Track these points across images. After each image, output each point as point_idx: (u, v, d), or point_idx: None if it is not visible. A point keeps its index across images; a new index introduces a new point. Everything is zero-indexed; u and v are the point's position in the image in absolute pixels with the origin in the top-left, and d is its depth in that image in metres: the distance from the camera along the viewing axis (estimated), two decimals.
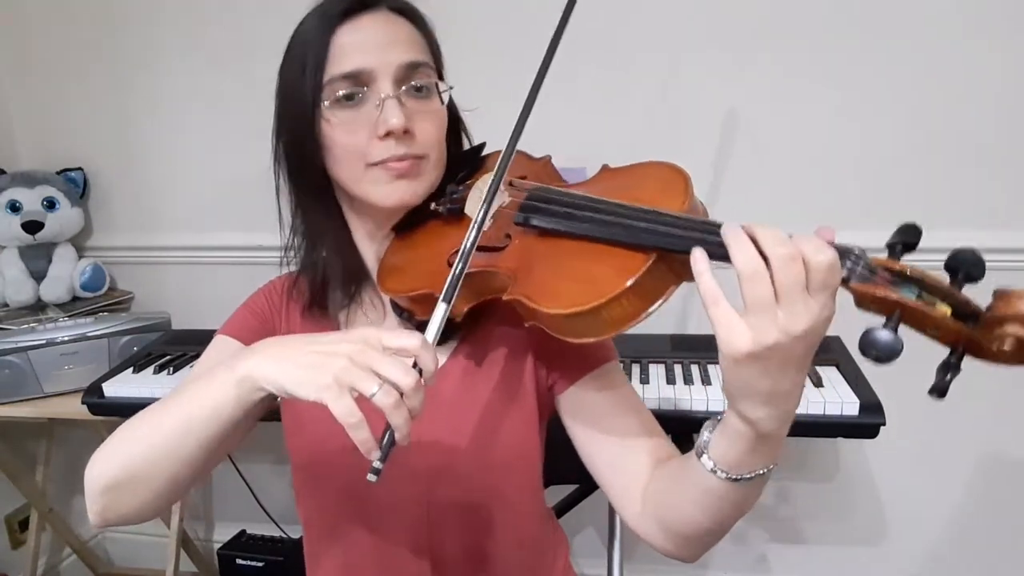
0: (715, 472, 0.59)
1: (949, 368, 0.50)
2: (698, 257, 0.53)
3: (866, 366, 1.28)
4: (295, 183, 0.81)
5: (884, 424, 1.16)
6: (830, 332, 1.42)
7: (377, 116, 0.72)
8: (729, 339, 0.51)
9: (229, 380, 0.61)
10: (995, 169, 1.46)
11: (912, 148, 1.48)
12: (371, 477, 0.57)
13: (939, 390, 0.50)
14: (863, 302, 0.52)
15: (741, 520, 0.66)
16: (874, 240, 0.58)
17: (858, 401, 1.18)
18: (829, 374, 1.28)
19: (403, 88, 0.73)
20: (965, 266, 0.50)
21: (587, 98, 1.56)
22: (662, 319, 1.62)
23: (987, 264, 0.51)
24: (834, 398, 1.19)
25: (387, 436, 0.57)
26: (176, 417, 0.64)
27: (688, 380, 1.29)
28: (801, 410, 1.16)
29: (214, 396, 0.62)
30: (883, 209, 1.48)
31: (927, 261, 0.53)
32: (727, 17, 1.50)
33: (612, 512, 1.39)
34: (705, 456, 0.60)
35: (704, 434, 0.62)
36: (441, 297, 0.65)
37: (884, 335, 0.49)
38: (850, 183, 1.51)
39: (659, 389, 1.26)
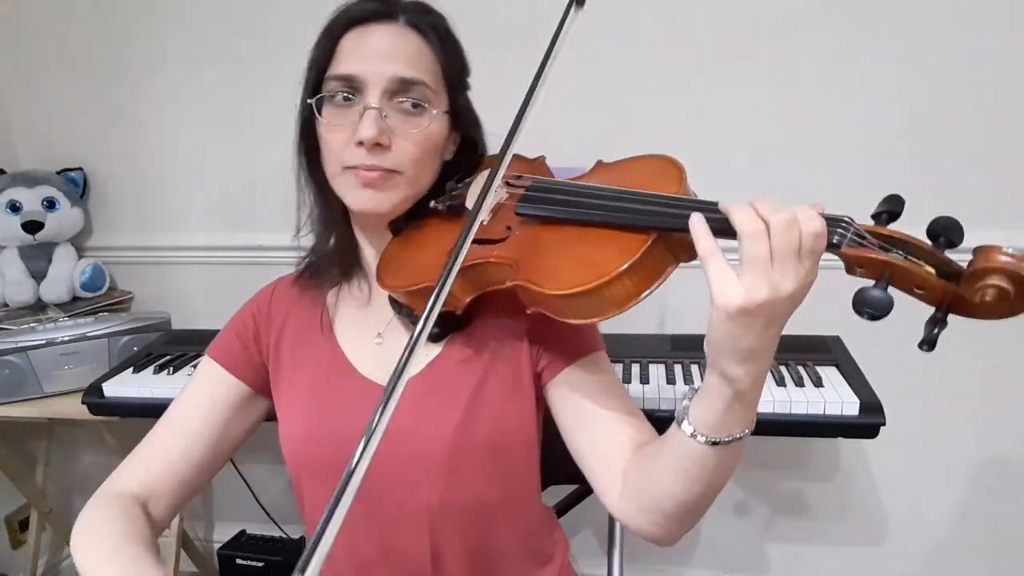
0: (695, 436, 0.62)
1: (936, 322, 0.54)
2: (696, 220, 0.58)
3: (866, 366, 1.28)
4: (306, 172, 0.84)
5: (884, 424, 1.16)
6: (830, 332, 1.42)
7: (357, 123, 0.74)
8: (723, 293, 0.54)
9: None
10: (981, 167, 1.46)
11: (900, 145, 1.48)
12: None
13: (928, 342, 0.54)
14: (853, 265, 0.56)
15: (741, 519, 0.66)
16: None
17: (858, 401, 1.18)
18: (829, 374, 1.28)
19: (393, 101, 0.75)
20: (945, 231, 0.54)
21: (578, 99, 1.56)
22: (663, 320, 1.62)
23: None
24: (834, 398, 1.19)
25: None
26: None
27: (688, 380, 1.29)
28: (801, 410, 1.19)
29: None
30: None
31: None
32: (719, 18, 1.50)
33: None
34: (685, 422, 0.63)
35: (683, 402, 0.65)
36: (436, 286, 0.62)
37: (876, 292, 0.53)
38: (837, 179, 1.51)
39: (659, 389, 1.26)
